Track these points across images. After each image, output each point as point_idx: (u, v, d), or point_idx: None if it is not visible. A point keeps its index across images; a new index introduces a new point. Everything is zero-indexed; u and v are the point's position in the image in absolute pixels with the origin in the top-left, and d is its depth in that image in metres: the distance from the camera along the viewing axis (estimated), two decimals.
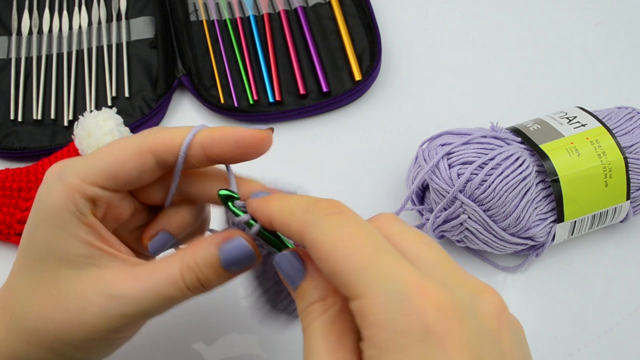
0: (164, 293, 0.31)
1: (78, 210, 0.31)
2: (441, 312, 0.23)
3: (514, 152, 0.45)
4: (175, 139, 0.31)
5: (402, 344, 0.23)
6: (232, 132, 0.31)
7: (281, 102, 0.58)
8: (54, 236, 0.31)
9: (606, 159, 0.46)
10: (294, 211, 0.27)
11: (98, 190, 0.31)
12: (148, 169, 0.31)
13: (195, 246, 0.32)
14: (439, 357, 0.22)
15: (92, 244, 0.31)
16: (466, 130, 0.48)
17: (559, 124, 0.48)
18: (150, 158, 0.31)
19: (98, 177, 0.31)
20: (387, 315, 0.23)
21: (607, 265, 0.50)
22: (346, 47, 0.61)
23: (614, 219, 0.48)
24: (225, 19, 0.62)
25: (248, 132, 0.31)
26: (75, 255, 0.31)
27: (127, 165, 0.31)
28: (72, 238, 0.31)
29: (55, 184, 0.31)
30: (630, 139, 0.48)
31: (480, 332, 0.24)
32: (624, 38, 0.65)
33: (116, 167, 0.31)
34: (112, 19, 0.62)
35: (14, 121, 0.56)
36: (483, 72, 0.62)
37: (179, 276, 0.31)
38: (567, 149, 0.46)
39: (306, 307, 0.28)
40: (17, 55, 0.60)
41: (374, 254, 0.24)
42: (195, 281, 0.31)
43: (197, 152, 0.31)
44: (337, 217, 0.26)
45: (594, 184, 0.46)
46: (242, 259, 0.31)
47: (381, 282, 0.24)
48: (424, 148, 0.49)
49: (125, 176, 0.31)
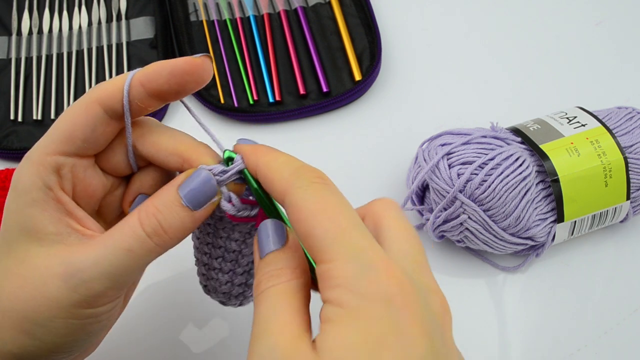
0: (123, 246, 0.30)
1: (45, 185, 0.31)
2: (401, 287, 0.25)
3: (514, 152, 0.45)
4: (115, 84, 0.31)
5: (364, 305, 0.25)
6: (165, 63, 0.31)
7: (281, 102, 0.58)
8: (25, 215, 0.31)
9: (606, 159, 0.46)
10: (281, 170, 0.29)
11: (60, 158, 0.31)
12: (99, 122, 0.31)
13: (155, 194, 0.32)
14: (397, 322, 0.25)
15: (60, 220, 0.31)
16: (466, 130, 0.48)
17: (559, 124, 0.48)
18: (98, 109, 0.31)
19: (56, 144, 0.31)
20: (354, 280, 0.25)
21: (607, 265, 0.50)
22: (346, 47, 0.61)
23: (614, 219, 0.48)
24: (225, 19, 0.62)
25: (181, 60, 0.31)
26: (44, 232, 0.31)
27: (78, 123, 0.31)
28: (41, 215, 0.31)
29: (23, 164, 0.32)
30: (630, 139, 0.48)
31: (431, 318, 0.26)
32: (624, 38, 0.65)
33: (69, 127, 0.31)
34: (112, 19, 0.62)
35: (14, 121, 0.56)
36: (483, 72, 0.62)
37: (138, 224, 0.30)
38: (567, 149, 0.46)
39: (272, 270, 0.28)
40: (17, 56, 0.60)
41: (349, 227, 0.26)
42: (155, 225, 0.30)
43: (138, 92, 0.31)
44: (322, 186, 0.28)
45: (594, 184, 0.46)
46: (202, 189, 0.31)
47: (351, 250, 0.26)
48: (424, 148, 0.49)
49: (79, 135, 0.31)
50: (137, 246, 0.30)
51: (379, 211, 0.31)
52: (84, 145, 0.32)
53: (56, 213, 0.31)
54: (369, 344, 0.24)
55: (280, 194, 0.28)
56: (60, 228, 0.31)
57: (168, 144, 0.33)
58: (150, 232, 0.30)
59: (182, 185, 0.31)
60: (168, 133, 0.33)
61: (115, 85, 0.31)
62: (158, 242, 0.31)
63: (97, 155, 0.33)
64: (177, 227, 0.31)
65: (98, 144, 0.32)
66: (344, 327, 0.25)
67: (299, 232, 0.27)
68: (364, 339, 0.24)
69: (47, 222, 0.31)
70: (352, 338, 0.24)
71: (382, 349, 0.24)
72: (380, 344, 0.24)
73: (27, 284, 0.31)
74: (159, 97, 0.32)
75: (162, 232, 0.31)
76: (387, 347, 0.24)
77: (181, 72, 0.31)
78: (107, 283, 0.31)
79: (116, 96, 0.31)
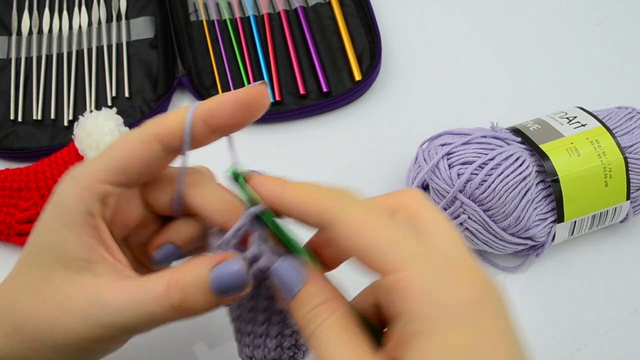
0: (146, 309, 0.30)
1: (87, 211, 0.31)
2: (477, 286, 0.25)
3: (514, 152, 0.45)
4: (176, 120, 0.30)
5: (449, 316, 0.24)
6: (228, 96, 0.30)
7: (281, 102, 0.58)
8: (59, 235, 0.31)
9: (606, 159, 0.46)
10: (314, 193, 0.28)
11: (109, 188, 0.31)
12: (156, 157, 0.31)
13: (188, 264, 0.31)
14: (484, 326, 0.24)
15: (93, 247, 0.31)
16: (466, 130, 0.48)
17: (559, 124, 0.48)
18: (156, 145, 0.30)
19: (109, 173, 0.31)
20: (430, 287, 0.24)
21: (607, 265, 0.50)
22: (346, 47, 0.61)
23: (614, 219, 0.48)
24: (225, 19, 0.62)
25: (243, 91, 0.30)
26: (73, 257, 0.31)
27: (135, 157, 0.31)
28: (75, 239, 0.31)
29: (69, 184, 0.31)
30: (630, 139, 0.48)
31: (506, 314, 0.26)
32: (624, 38, 0.65)
33: (125, 160, 0.31)
34: (112, 19, 0.62)
35: (14, 121, 0.56)
36: (483, 72, 0.62)
37: (164, 293, 0.30)
38: (567, 149, 0.46)
39: (310, 310, 0.28)
40: (17, 56, 0.60)
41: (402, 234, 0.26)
42: (181, 301, 0.30)
43: (200, 128, 0.30)
44: (361, 202, 0.27)
45: (594, 184, 0.46)
46: (233, 284, 0.30)
47: (418, 256, 0.25)
48: (424, 148, 0.49)
49: (135, 168, 0.31)
50: (159, 313, 0.30)
51: (414, 205, 0.29)
52: (136, 178, 0.32)
53: (90, 239, 0.31)
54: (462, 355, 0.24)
55: (318, 215, 0.27)
56: (91, 255, 0.31)
57: (217, 201, 0.32)
58: (175, 304, 0.30)
59: (216, 270, 0.30)
60: (219, 191, 0.33)
61: (175, 122, 0.30)
62: (179, 314, 0.30)
63: (145, 188, 0.33)
64: (200, 308, 0.30)
65: (150, 177, 0.32)
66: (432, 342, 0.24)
67: (354, 247, 0.26)
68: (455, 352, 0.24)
69: (79, 248, 0.31)
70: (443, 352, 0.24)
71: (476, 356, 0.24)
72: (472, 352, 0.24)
73: (46, 306, 0.31)
74: (221, 132, 0.31)
75: (186, 307, 0.30)
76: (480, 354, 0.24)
77: (245, 104, 0.30)
78: (126, 332, 0.31)
79: (176, 134, 0.30)
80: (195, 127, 0.30)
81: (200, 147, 0.32)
